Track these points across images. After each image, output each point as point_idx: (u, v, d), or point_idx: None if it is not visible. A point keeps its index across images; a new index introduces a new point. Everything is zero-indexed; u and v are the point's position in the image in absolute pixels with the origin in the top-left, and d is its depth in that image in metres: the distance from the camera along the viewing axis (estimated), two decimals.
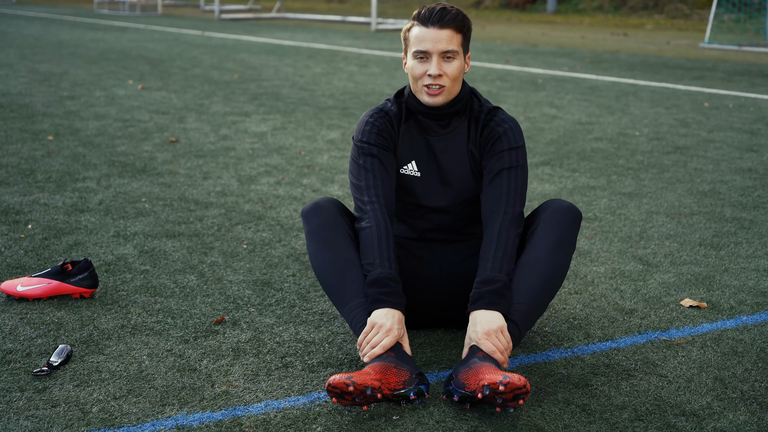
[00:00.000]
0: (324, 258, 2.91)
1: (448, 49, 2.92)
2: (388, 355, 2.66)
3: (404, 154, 3.07)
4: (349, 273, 2.87)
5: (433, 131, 3.05)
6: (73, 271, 3.44)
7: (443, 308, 3.16)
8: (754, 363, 2.98)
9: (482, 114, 3.04)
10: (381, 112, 3.07)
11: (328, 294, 2.93)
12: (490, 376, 2.50)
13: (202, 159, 5.99)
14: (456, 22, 2.93)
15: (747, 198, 5.17)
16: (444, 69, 2.93)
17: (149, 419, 2.56)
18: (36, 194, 4.96)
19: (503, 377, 2.46)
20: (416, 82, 2.98)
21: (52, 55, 12.58)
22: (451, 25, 2.92)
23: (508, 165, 2.97)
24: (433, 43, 2.91)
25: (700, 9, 24.15)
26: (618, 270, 3.91)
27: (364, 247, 2.87)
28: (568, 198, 5.12)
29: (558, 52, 14.51)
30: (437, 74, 2.92)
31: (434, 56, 2.92)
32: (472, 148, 3.04)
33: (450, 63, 2.94)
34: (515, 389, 2.45)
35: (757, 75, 11.47)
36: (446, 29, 2.91)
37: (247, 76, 10.70)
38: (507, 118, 3.05)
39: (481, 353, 2.66)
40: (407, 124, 3.07)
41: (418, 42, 2.93)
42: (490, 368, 2.57)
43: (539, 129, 7.34)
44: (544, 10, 27.10)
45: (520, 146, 3.00)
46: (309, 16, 24.25)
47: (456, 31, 2.93)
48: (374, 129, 3.03)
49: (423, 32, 2.93)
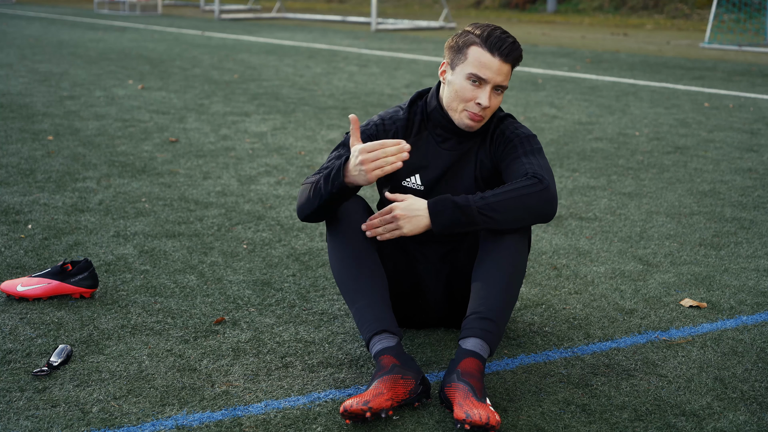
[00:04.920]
0: (340, 254, 2.89)
1: (504, 84, 2.88)
2: (394, 364, 2.65)
3: (409, 166, 3.02)
4: (364, 272, 2.84)
5: (446, 145, 3.01)
6: (73, 271, 3.44)
7: (444, 308, 3.16)
8: (754, 363, 2.98)
9: (492, 122, 3.01)
10: (389, 120, 3.03)
11: (340, 290, 2.90)
12: (458, 410, 2.47)
13: (202, 159, 5.99)
14: (518, 59, 2.88)
15: (747, 198, 5.17)
16: (492, 102, 2.89)
17: (149, 419, 2.56)
18: (36, 194, 4.96)
19: (466, 415, 2.43)
20: (460, 103, 2.91)
21: (52, 55, 12.58)
22: (514, 61, 2.87)
23: (523, 151, 2.92)
24: (494, 74, 2.84)
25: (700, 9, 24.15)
26: (618, 270, 3.91)
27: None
28: (568, 198, 5.12)
29: (558, 52, 14.51)
30: (487, 106, 2.87)
31: (489, 86, 2.86)
32: (482, 156, 3.01)
33: (498, 96, 2.90)
34: (478, 428, 2.43)
35: (757, 75, 11.47)
36: (508, 64, 2.86)
37: (247, 76, 10.70)
38: (516, 122, 3.02)
39: (460, 368, 2.63)
40: (419, 136, 3.03)
41: (480, 67, 2.85)
42: (462, 395, 2.54)
43: (539, 129, 7.34)
44: (544, 10, 27.10)
45: (531, 135, 2.97)
46: (309, 16, 24.24)
47: (513, 66, 2.89)
48: (369, 131, 3.00)
49: (487, 59, 2.84)
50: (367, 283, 2.83)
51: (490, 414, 2.44)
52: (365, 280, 2.83)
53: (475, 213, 2.73)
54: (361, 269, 2.85)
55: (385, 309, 2.79)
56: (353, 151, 2.73)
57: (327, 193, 2.80)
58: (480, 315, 2.72)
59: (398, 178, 3.05)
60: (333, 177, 2.77)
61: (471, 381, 2.58)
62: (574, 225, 4.59)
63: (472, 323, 2.72)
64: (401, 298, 3.10)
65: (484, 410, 2.45)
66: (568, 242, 4.30)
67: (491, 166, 3.00)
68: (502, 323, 2.75)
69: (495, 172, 3.01)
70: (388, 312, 2.79)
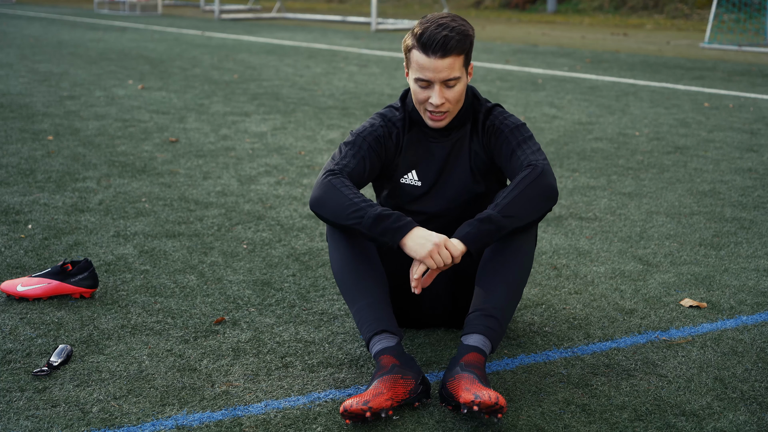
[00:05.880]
0: (341, 254, 2.89)
1: (451, 77, 2.85)
2: (394, 364, 2.66)
3: (406, 164, 3.04)
4: (364, 272, 2.85)
5: (436, 138, 3.04)
6: (73, 271, 3.44)
7: (445, 309, 3.16)
8: (754, 363, 2.98)
9: (481, 113, 3.03)
10: (390, 122, 3.04)
11: (340, 289, 2.90)
12: (465, 394, 2.49)
13: (202, 159, 5.99)
14: (457, 48, 2.83)
15: (747, 198, 5.17)
16: (446, 96, 2.88)
17: (149, 419, 2.56)
18: (36, 194, 4.96)
19: (475, 396, 2.45)
20: (419, 105, 2.94)
21: (52, 55, 12.58)
22: (452, 53, 2.83)
23: (516, 143, 2.94)
24: (435, 72, 2.84)
25: (700, 9, 24.15)
26: (618, 270, 3.91)
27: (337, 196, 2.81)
28: (568, 198, 5.12)
29: (558, 52, 14.51)
30: (440, 103, 2.88)
31: (436, 85, 2.86)
32: (475, 147, 3.03)
33: (452, 89, 2.88)
34: (488, 407, 2.44)
35: (757, 75, 11.47)
36: (448, 58, 2.83)
37: (247, 76, 10.70)
38: (504, 112, 3.04)
39: (463, 360, 2.65)
40: (411, 133, 3.05)
41: (420, 70, 2.86)
42: (468, 381, 2.55)
43: (539, 129, 7.34)
44: (544, 10, 27.09)
45: (520, 124, 2.99)
46: (309, 16, 24.24)
47: (457, 55, 2.85)
48: (376, 132, 3.01)
49: (423, 60, 2.84)
50: (367, 283, 2.83)
51: (498, 395, 2.46)
52: (365, 281, 2.83)
53: (499, 218, 2.75)
54: (362, 269, 2.85)
55: (385, 309, 2.80)
56: (435, 234, 2.72)
57: (366, 230, 2.75)
58: (483, 312, 2.73)
59: (395, 176, 3.06)
60: (390, 229, 2.72)
61: (475, 371, 2.60)
62: (574, 225, 4.59)
63: (475, 320, 2.72)
64: (402, 298, 3.10)
65: (492, 392, 2.46)
66: (568, 242, 4.30)
67: (486, 158, 3.03)
68: (505, 321, 2.76)
69: (490, 164, 3.03)
70: (388, 312, 2.79)
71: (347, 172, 2.89)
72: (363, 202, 2.78)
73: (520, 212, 2.77)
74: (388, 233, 2.73)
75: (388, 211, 2.75)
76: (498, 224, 2.74)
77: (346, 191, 2.80)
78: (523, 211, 2.78)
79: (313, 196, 2.86)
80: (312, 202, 2.86)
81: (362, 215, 2.75)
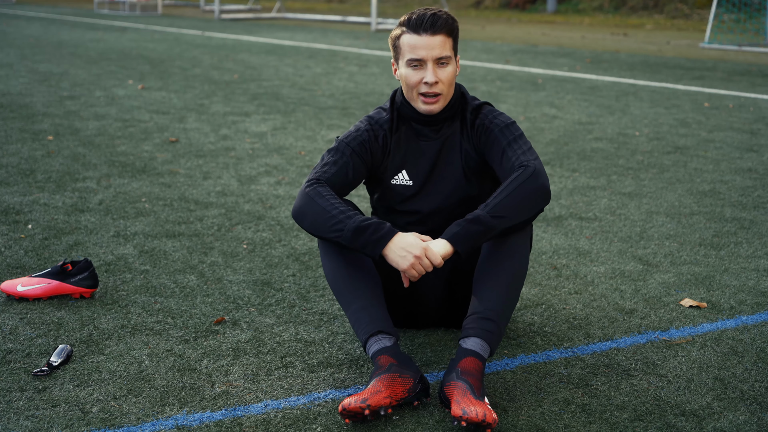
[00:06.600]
0: (332, 260, 2.90)
1: (443, 55, 2.90)
2: (392, 364, 2.66)
3: (395, 164, 3.05)
4: (357, 275, 2.85)
5: (425, 136, 3.04)
6: (73, 271, 3.44)
7: (444, 308, 3.16)
8: (754, 363, 2.98)
9: (468, 112, 3.04)
10: (376, 124, 3.05)
11: (335, 294, 2.91)
12: (455, 407, 2.48)
13: (202, 159, 5.99)
14: (447, 26, 2.91)
15: (747, 198, 5.17)
16: (440, 75, 2.92)
17: (149, 419, 2.56)
18: (36, 194, 4.96)
19: (463, 411, 2.44)
20: (411, 91, 2.96)
21: (52, 55, 12.58)
22: (443, 31, 2.90)
23: (506, 142, 2.95)
24: (428, 50, 2.89)
25: (700, 9, 24.15)
26: (618, 270, 3.91)
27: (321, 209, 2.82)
28: (568, 198, 5.12)
29: (558, 52, 14.51)
30: (434, 81, 2.91)
31: (429, 63, 2.90)
32: (466, 146, 3.03)
33: (444, 68, 2.93)
34: (475, 425, 2.43)
35: (757, 75, 11.47)
36: (439, 35, 2.90)
37: (247, 76, 10.71)
38: (493, 110, 3.05)
39: (460, 367, 2.65)
40: (398, 133, 3.06)
41: (412, 50, 2.91)
42: (461, 392, 2.55)
43: (539, 129, 7.34)
44: (544, 10, 27.10)
45: (510, 123, 3.00)
46: (309, 16, 24.24)
47: (447, 35, 2.92)
48: (361, 137, 3.01)
49: (415, 40, 2.91)
50: (360, 285, 2.83)
51: (486, 411, 2.44)
52: (359, 283, 2.84)
53: (488, 219, 2.74)
54: (354, 273, 2.85)
55: (380, 310, 2.80)
56: (415, 242, 2.72)
57: (348, 244, 2.76)
58: (481, 315, 2.73)
59: (386, 178, 3.06)
60: (369, 242, 2.73)
61: (470, 379, 2.58)
62: (574, 225, 4.59)
63: (473, 323, 2.72)
64: (401, 298, 3.10)
65: (481, 408, 2.45)
66: (568, 242, 4.30)
67: (477, 157, 3.03)
68: (503, 324, 2.76)
69: (482, 163, 3.03)
70: (383, 313, 2.80)
71: (329, 179, 2.91)
72: (342, 213, 2.78)
73: (509, 213, 2.77)
74: (368, 246, 2.74)
75: (367, 221, 2.75)
76: (487, 225, 2.74)
77: (324, 203, 2.81)
78: (513, 212, 2.78)
79: (294, 207, 2.89)
80: (293, 213, 2.89)
81: (342, 228, 2.76)
